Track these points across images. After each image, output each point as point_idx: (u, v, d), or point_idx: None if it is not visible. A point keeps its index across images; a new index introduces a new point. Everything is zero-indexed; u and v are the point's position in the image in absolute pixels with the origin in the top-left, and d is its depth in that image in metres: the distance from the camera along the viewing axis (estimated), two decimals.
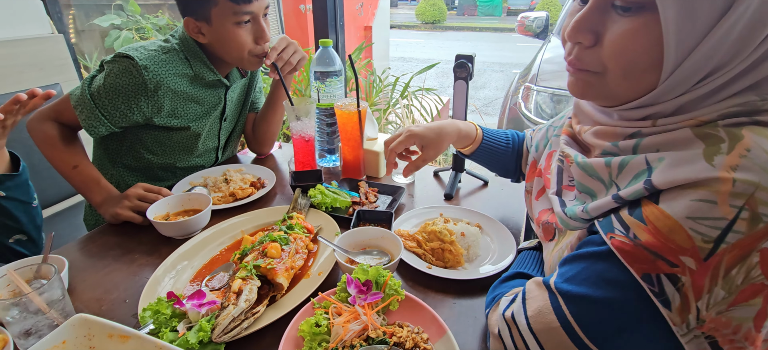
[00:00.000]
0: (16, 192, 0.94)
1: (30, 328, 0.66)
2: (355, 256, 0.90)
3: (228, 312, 0.70)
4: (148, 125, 1.20)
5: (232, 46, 1.13)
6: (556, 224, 0.76)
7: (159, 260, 0.93)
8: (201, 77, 1.19)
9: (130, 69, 1.07)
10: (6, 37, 1.66)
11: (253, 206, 1.17)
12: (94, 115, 1.10)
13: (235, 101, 1.38)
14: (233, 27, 1.10)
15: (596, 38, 0.58)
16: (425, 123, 1.02)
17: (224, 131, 1.39)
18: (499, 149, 1.09)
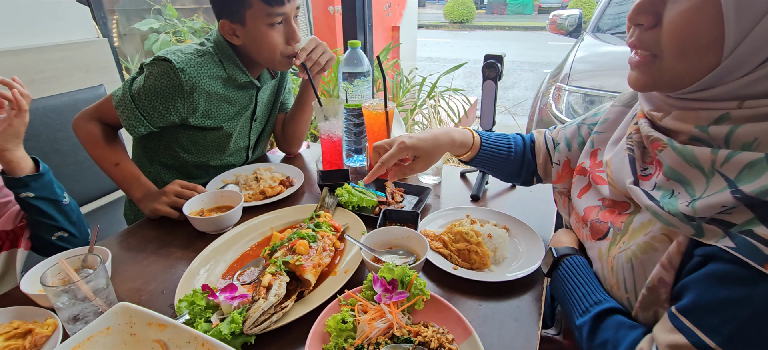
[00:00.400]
0: (43, 192, 0.99)
1: (77, 314, 0.71)
2: (381, 255, 0.91)
3: (258, 305, 0.73)
4: (183, 125, 1.25)
5: (265, 47, 1.16)
6: (612, 223, 0.75)
7: (194, 253, 0.97)
8: (234, 79, 1.23)
9: (168, 71, 1.12)
10: (57, 42, 1.77)
11: (282, 204, 1.20)
12: (134, 115, 1.16)
13: (266, 101, 1.42)
14: (266, 28, 1.13)
15: (656, 20, 0.59)
16: (418, 133, 0.99)
17: (254, 130, 1.43)
18: (501, 154, 1.05)
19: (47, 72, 1.70)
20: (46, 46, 1.72)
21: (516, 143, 1.06)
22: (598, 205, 0.82)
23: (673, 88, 0.62)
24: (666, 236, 0.63)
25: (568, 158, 0.97)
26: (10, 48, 1.60)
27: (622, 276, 0.71)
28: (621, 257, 0.71)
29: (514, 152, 1.05)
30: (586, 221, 0.83)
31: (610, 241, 0.76)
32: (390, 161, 0.95)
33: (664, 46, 0.59)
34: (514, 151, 1.06)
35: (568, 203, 0.96)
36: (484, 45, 12.56)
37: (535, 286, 0.89)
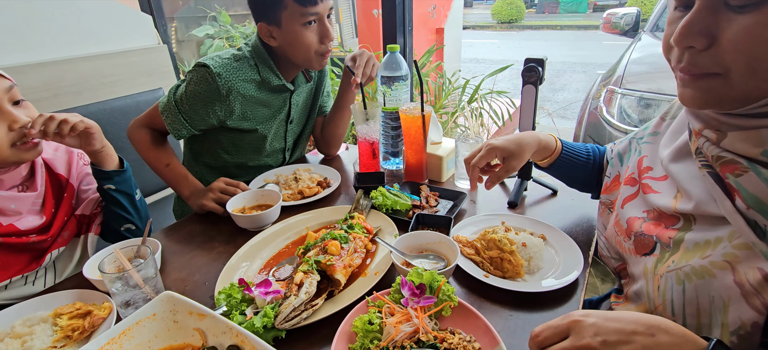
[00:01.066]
0: (123, 186, 1.10)
1: (129, 299, 0.77)
2: (412, 259, 0.91)
3: (289, 301, 0.75)
4: (223, 128, 1.32)
5: (300, 46, 1.20)
6: (658, 237, 0.71)
7: (234, 249, 1.03)
8: (267, 82, 1.27)
9: (206, 76, 1.18)
10: (123, 49, 1.94)
11: (319, 205, 1.24)
12: (177, 119, 1.25)
13: (301, 105, 1.46)
14: (300, 28, 1.18)
15: (711, 40, 0.55)
16: (504, 136, 0.99)
17: (291, 133, 1.47)
18: (579, 161, 1.05)
19: (114, 76, 1.86)
20: (113, 52, 1.88)
21: (593, 153, 1.06)
22: (642, 217, 0.78)
23: (737, 105, 0.58)
24: (728, 264, 0.59)
25: (618, 173, 0.94)
26: (82, 55, 1.77)
27: (671, 298, 0.66)
28: (670, 278, 0.67)
29: (592, 160, 1.05)
30: (629, 233, 0.79)
31: (656, 257, 0.72)
32: (480, 163, 0.98)
33: (732, 65, 0.54)
34: (592, 159, 1.05)
35: (606, 214, 0.92)
36: (533, 46, 12.15)
37: (572, 299, 0.86)
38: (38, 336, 0.76)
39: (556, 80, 7.96)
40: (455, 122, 3.35)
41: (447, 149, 1.35)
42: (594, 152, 1.07)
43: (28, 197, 0.96)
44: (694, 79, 0.59)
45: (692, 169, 0.70)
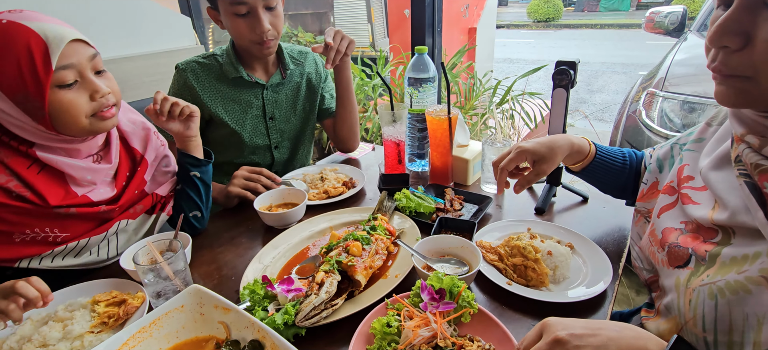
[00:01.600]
0: (205, 176, 1.14)
1: (160, 290, 0.81)
2: (433, 263, 0.91)
3: (310, 300, 0.77)
4: (208, 127, 1.39)
5: (235, 35, 1.26)
6: (694, 250, 0.68)
7: (260, 245, 1.05)
8: (226, 76, 1.33)
9: (178, 76, 1.32)
10: (164, 49, 2.03)
11: (344, 205, 1.25)
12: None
13: (284, 102, 1.46)
14: (233, 17, 1.22)
15: (745, 40, 0.54)
16: (535, 138, 0.97)
17: (275, 130, 1.46)
18: (615, 166, 1.01)
19: (154, 75, 1.96)
20: (155, 52, 1.98)
21: (630, 157, 1.02)
22: (679, 228, 0.75)
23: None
24: (765, 280, 0.56)
25: (656, 180, 0.90)
26: (126, 55, 1.87)
27: (702, 312, 0.63)
28: (703, 292, 0.64)
29: (628, 165, 1.01)
30: (663, 244, 0.76)
31: (690, 270, 0.68)
32: (509, 166, 0.96)
33: (761, 68, 0.53)
34: (628, 164, 1.01)
35: (642, 223, 0.88)
36: (570, 45, 11.75)
37: (599, 311, 0.83)
38: (78, 321, 0.81)
39: (594, 81, 7.67)
40: (485, 124, 3.30)
41: (473, 152, 1.34)
42: (630, 156, 1.03)
43: (103, 169, 0.95)
44: (725, 78, 0.58)
45: (731, 178, 0.66)
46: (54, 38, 0.79)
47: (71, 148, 0.90)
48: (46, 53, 0.78)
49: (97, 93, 0.85)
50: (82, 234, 0.95)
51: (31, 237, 0.89)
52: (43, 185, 0.86)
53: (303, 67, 1.50)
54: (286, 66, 1.43)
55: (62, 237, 0.92)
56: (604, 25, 15.24)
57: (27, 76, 0.77)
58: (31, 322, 0.83)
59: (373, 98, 3.60)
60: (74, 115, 0.83)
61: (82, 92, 0.84)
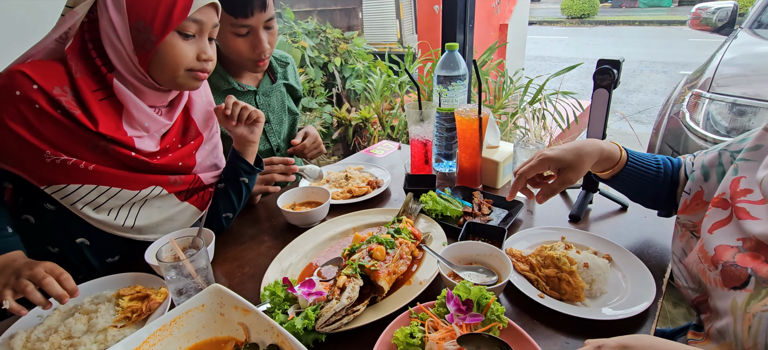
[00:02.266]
0: (251, 183, 1.14)
1: (182, 288, 0.80)
2: (460, 271, 0.87)
3: (331, 305, 0.74)
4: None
5: (232, 53, 1.21)
6: (755, 271, 0.61)
7: (282, 244, 1.04)
8: (218, 88, 1.27)
9: None
10: None
11: (368, 205, 1.23)
12: None
13: (277, 105, 1.43)
14: (231, 36, 1.17)
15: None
16: (560, 145, 0.91)
17: (273, 134, 1.43)
18: (649, 174, 0.93)
19: None
20: None
21: (665, 165, 0.94)
22: (736, 246, 0.68)
23: None
24: None
25: (701, 189, 0.82)
26: None
27: (764, 342, 0.57)
28: (765, 318, 0.57)
29: (662, 173, 0.93)
30: (716, 262, 0.69)
31: (749, 293, 0.62)
32: (529, 173, 0.90)
33: None
34: (662, 172, 0.93)
35: (688, 238, 0.81)
36: (607, 43, 11.30)
37: (639, 330, 0.76)
38: (102, 315, 0.81)
39: (631, 81, 7.35)
40: (515, 124, 3.20)
41: (504, 153, 1.28)
42: (665, 164, 0.94)
43: (160, 122, 0.94)
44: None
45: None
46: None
47: (144, 90, 0.90)
48: (190, 2, 0.82)
49: (203, 54, 0.89)
50: (113, 181, 0.91)
51: (62, 161, 0.84)
52: (98, 111, 0.86)
53: (287, 70, 1.48)
54: (275, 71, 1.42)
55: (93, 172, 0.88)
56: (644, 21, 14.58)
57: (161, 9, 0.81)
58: (58, 313, 0.85)
59: (400, 96, 3.56)
60: (176, 64, 0.86)
61: (193, 47, 0.88)
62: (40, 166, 0.84)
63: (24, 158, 0.84)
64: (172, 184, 1.00)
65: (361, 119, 3.66)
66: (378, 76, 3.59)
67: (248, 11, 1.12)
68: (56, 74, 0.83)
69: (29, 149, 0.82)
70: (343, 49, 4.22)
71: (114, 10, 0.81)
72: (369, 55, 4.31)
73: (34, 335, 0.78)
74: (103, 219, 0.94)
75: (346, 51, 4.23)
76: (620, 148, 0.92)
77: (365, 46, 4.32)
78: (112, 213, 0.95)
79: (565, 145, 0.90)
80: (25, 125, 0.81)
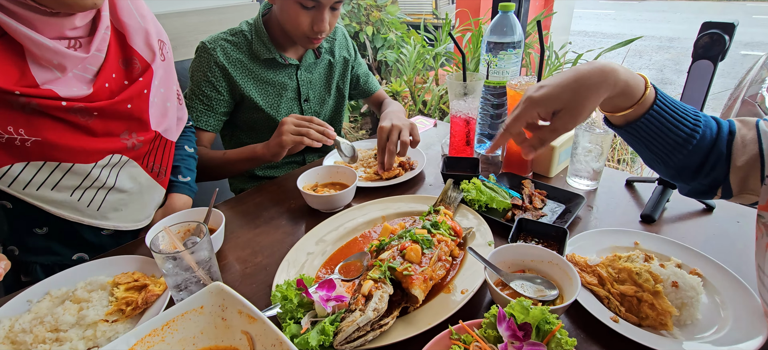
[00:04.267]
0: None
1: (181, 283, 0.69)
2: (511, 280, 0.71)
3: (353, 318, 0.61)
4: (238, 109, 1.28)
5: (291, 22, 1.15)
6: None
7: (301, 231, 0.91)
8: (258, 56, 1.23)
9: (202, 53, 1.20)
10: (217, 5, 1.92)
11: (399, 189, 1.08)
12: (197, 108, 1.21)
13: (318, 82, 1.37)
14: (296, 6, 1.11)
15: None
16: (551, 78, 0.66)
17: (310, 112, 1.37)
18: (680, 130, 0.66)
19: (207, 32, 1.86)
20: (208, 8, 1.88)
21: (707, 124, 0.68)
22: None
23: None
24: None
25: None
26: (179, 10, 1.78)
27: None
28: None
29: (701, 134, 0.66)
30: None
31: None
32: (514, 126, 0.68)
33: None
34: (702, 133, 0.66)
35: None
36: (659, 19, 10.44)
37: None
38: (94, 306, 0.71)
39: (684, 60, 6.76)
40: None
41: (562, 137, 1.09)
42: (707, 124, 0.67)
43: (75, 57, 0.75)
44: None
45: None
46: None
47: (38, 19, 0.70)
48: None
49: None
50: (62, 154, 0.77)
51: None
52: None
53: (333, 44, 1.40)
54: (320, 46, 1.34)
55: (33, 141, 0.74)
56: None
57: None
58: (49, 298, 0.75)
59: (434, 68, 3.34)
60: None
61: None
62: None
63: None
64: (130, 147, 0.84)
65: (392, 92, 3.48)
66: (412, 47, 3.37)
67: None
68: None
69: None
70: (375, 17, 4.00)
71: None
72: (402, 25, 4.07)
73: (18, 324, 0.69)
74: (65, 201, 0.81)
75: (379, 20, 4.00)
76: (647, 82, 0.65)
77: (399, 15, 4.08)
78: (76, 195, 0.81)
79: (556, 77, 0.66)
80: None
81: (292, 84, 1.31)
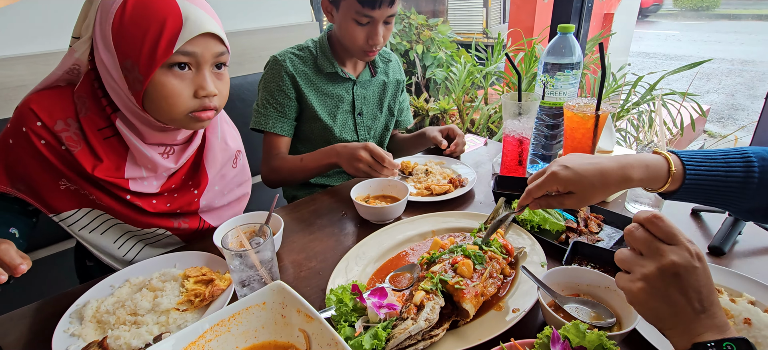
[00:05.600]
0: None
1: (245, 279, 0.74)
2: (564, 302, 0.70)
3: (405, 326, 0.62)
4: (299, 117, 1.36)
5: (347, 37, 1.24)
6: None
7: (353, 240, 0.95)
8: (323, 69, 1.32)
9: (274, 65, 1.31)
10: (280, 24, 2.06)
11: (449, 205, 1.09)
12: (270, 114, 1.30)
13: (371, 98, 1.45)
14: (352, 22, 1.19)
15: None
16: (581, 159, 0.72)
17: (362, 127, 1.44)
18: (733, 177, 0.67)
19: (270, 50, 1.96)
20: (272, 27, 2.01)
21: (762, 161, 0.67)
22: None
23: None
24: None
25: None
26: (247, 29, 1.92)
27: None
28: None
29: (760, 172, 0.67)
30: None
31: None
32: (536, 192, 0.75)
33: None
34: (760, 170, 0.67)
35: None
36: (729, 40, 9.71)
37: None
38: (167, 295, 0.78)
39: (759, 85, 6.24)
40: (616, 126, 2.81)
41: None
42: (763, 162, 0.67)
43: (165, 166, 0.90)
44: None
45: None
46: (192, 23, 0.75)
47: (149, 130, 0.85)
48: (176, 34, 0.74)
49: (202, 89, 0.80)
50: (118, 216, 0.91)
51: (75, 188, 0.86)
52: (102, 149, 0.84)
53: (388, 67, 1.49)
54: (376, 64, 1.43)
55: (99, 205, 0.89)
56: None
57: (146, 46, 0.74)
58: (129, 285, 0.83)
59: (484, 87, 3.33)
60: (173, 103, 0.79)
61: (189, 83, 0.80)
62: (53, 194, 0.85)
63: (36, 186, 0.84)
64: (176, 228, 0.97)
65: (440, 110, 3.49)
66: (462, 65, 3.38)
67: (377, 4, 1.15)
68: (62, 108, 0.82)
69: (40, 178, 0.84)
70: (426, 36, 4.06)
71: (104, 50, 0.77)
72: (452, 43, 4.10)
73: (103, 306, 0.77)
74: (103, 246, 0.95)
75: (429, 38, 4.06)
76: (669, 160, 0.68)
77: (449, 34, 4.11)
78: (117, 242, 0.96)
79: (585, 162, 0.71)
80: (36, 157, 0.82)
81: (348, 98, 1.39)
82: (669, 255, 0.50)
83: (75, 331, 0.73)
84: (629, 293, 0.54)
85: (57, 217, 0.89)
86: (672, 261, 0.50)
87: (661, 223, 0.52)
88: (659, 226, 0.52)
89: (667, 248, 0.51)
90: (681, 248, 0.51)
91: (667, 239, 0.52)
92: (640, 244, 0.53)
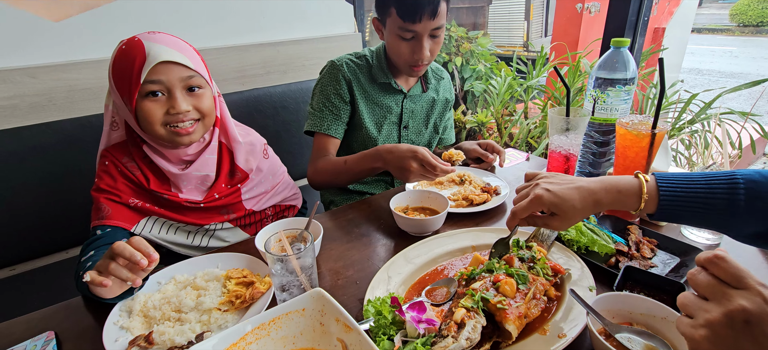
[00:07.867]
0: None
1: (285, 284, 0.75)
2: (616, 331, 0.66)
3: (446, 344, 0.61)
4: (347, 125, 1.37)
5: (393, 51, 1.28)
6: None
7: (392, 251, 0.94)
8: (375, 78, 1.35)
9: (332, 69, 1.34)
10: (324, 35, 2.10)
11: (486, 217, 1.06)
12: (325, 117, 1.32)
13: (419, 113, 1.46)
14: (396, 37, 1.22)
15: None
16: (566, 181, 0.76)
17: (406, 141, 1.44)
18: (713, 201, 0.67)
19: (314, 59, 2.03)
20: (316, 37, 2.05)
21: (750, 183, 0.66)
22: None
23: None
24: None
25: None
26: (290, 39, 1.98)
27: None
28: None
29: (746, 193, 0.65)
30: None
31: None
32: (522, 213, 0.78)
33: None
34: (746, 191, 0.65)
35: None
36: None
37: None
38: (210, 294, 0.80)
39: None
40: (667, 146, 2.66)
41: None
42: (751, 183, 0.66)
43: (192, 177, 1.04)
44: None
45: None
46: (153, 56, 0.90)
47: (166, 151, 1.00)
48: (141, 66, 0.89)
49: (173, 108, 0.93)
50: (180, 218, 1.06)
51: (142, 205, 1.02)
52: (151, 173, 1.02)
53: (439, 85, 1.50)
54: (428, 80, 1.45)
55: (162, 215, 1.05)
56: None
57: (126, 81, 0.91)
58: (174, 282, 0.86)
59: (524, 101, 3.25)
60: (150, 122, 0.93)
61: (162, 104, 0.94)
62: (127, 211, 1.01)
63: (114, 212, 0.99)
64: (229, 219, 1.13)
65: (477, 123, 3.44)
66: (502, 78, 3.33)
67: (417, 17, 1.16)
68: (122, 151, 1.02)
69: (117, 203, 1.00)
70: (465, 48, 4.03)
71: (114, 94, 0.95)
72: (492, 56, 4.05)
73: (150, 301, 0.80)
74: (182, 242, 1.09)
75: (469, 51, 4.03)
76: (642, 179, 0.72)
77: (489, 47, 4.06)
78: (189, 237, 1.10)
79: (570, 185, 0.75)
80: (114, 187, 1.00)
81: (397, 110, 1.40)
82: (737, 300, 0.45)
83: (124, 324, 0.77)
84: (691, 340, 0.48)
85: (136, 228, 1.03)
86: (742, 307, 0.45)
87: (725, 264, 0.47)
88: (723, 268, 0.47)
89: (735, 293, 0.46)
90: (752, 292, 0.46)
91: (734, 283, 0.47)
92: (703, 289, 0.49)
